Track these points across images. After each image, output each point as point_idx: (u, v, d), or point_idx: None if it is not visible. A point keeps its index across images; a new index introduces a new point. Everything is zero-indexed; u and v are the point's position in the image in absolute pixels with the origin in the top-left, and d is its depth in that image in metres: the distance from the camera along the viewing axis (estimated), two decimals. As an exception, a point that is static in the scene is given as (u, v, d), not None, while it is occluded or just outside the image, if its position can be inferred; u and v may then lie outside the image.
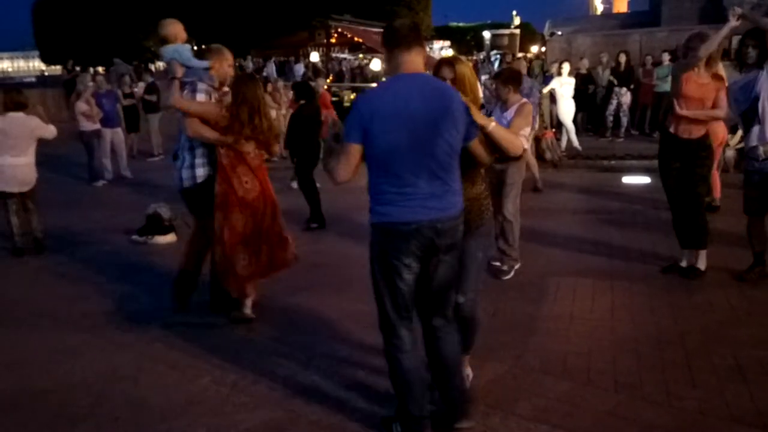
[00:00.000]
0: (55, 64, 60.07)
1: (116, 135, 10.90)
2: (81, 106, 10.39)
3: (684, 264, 5.27)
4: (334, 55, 21.55)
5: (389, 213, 2.78)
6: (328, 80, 17.13)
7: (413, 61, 2.81)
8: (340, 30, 18.61)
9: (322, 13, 27.27)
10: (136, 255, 6.56)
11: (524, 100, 5.29)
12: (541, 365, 3.82)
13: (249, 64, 23.74)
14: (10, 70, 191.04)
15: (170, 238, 6.90)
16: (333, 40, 19.31)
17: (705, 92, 4.95)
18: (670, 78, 12.03)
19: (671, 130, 5.10)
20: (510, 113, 5.09)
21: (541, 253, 6.06)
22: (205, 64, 4.59)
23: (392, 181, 2.76)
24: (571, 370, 3.75)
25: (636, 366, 3.77)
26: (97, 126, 10.51)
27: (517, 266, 5.53)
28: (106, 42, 52.86)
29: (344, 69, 20.35)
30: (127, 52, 53.45)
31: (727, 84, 5.14)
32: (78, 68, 21.28)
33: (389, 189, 2.77)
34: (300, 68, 20.46)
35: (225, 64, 4.70)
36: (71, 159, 12.11)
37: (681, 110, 4.97)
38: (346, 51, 21.71)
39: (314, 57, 20.60)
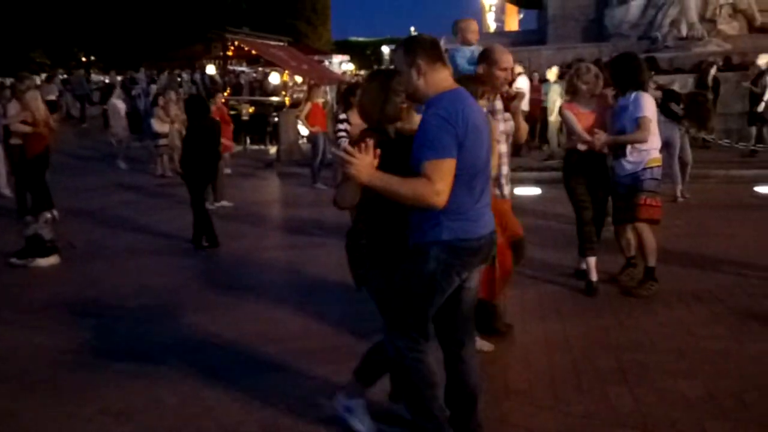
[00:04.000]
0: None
1: (-7, 152, 10.18)
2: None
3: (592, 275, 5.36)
4: (231, 67, 21.17)
5: (466, 228, 2.74)
6: (225, 93, 16.78)
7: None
8: (237, 43, 18.27)
9: (218, 26, 26.78)
10: (13, 279, 6.14)
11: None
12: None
13: (141, 77, 22.93)
14: None
15: (53, 260, 6.49)
16: (230, 53, 18.95)
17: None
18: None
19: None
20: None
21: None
22: None
23: (473, 195, 2.75)
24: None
25: (526, 372, 3.88)
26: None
27: None
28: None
29: (242, 82, 20.03)
30: (12, 64, 50.47)
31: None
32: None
33: (471, 204, 2.75)
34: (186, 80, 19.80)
35: None
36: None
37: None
38: (244, 64, 21.38)
39: (210, 69, 20.16)
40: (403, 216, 2.82)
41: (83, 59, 50.61)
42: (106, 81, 25.86)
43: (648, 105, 5.02)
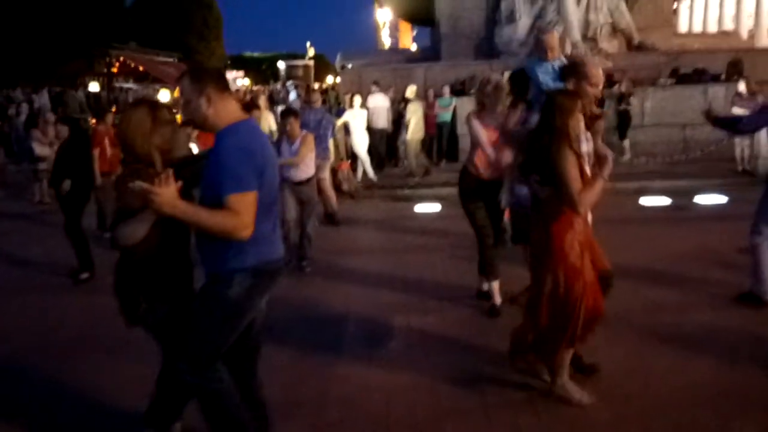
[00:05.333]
0: None
1: None
2: None
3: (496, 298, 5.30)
4: (117, 84, 20.18)
5: (268, 252, 2.84)
6: (111, 111, 15.87)
7: None
8: (122, 59, 17.43)
9: (102, 41, 25.51)
10: None
11: (305, 132, 6.67)
12: (342, 417, 3.64)
13: (18, 96, 21.41)
14: None
15: None
16: (115, 70, 18.05)
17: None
18: (451, 109, 13.07)
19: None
20: (296, 145, 6.49)
21: (338, 291, 5.95)
22: None
23: (271, 221, 2.87)
24: (373, 417, 3.61)
25: (432, 405, 3.73)
26: None
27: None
28: None
29: (126, 100, 19.08)
30: None
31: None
32: None
33: (270, 230, 2.86)
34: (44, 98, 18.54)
35: None
36: None
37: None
38: (131, 80, 20.44)
39: (93, 87, 19.09)
40: (182, 247, 2.93)
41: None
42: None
43: None
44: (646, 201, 9.51)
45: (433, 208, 9.71)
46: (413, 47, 41.55)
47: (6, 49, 42.84)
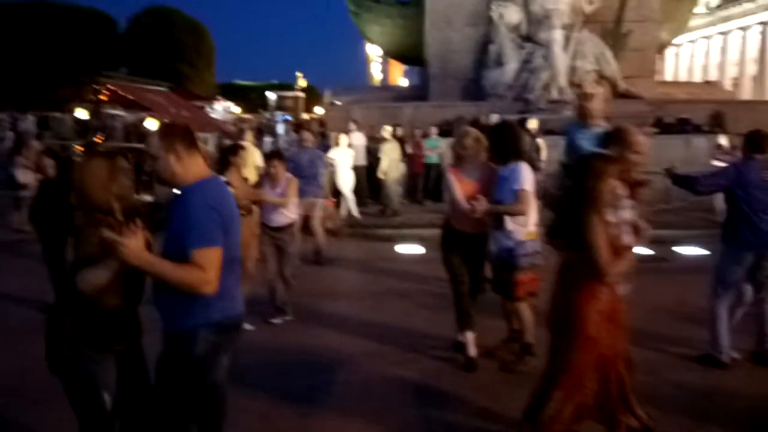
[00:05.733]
0: None
1: None
2: None
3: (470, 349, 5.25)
4: (106, 111, 20.16)
5: (231, 307, 2.87)
6: (97, 138, 15.88)
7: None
8: (111, 87, 17.46)
9: (93, 68, 25.59)
10: None
11: (289, 175, 6.55)
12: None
13: (5, 120, 21.35)
14: None
15: None
16: (104, 97, 18.05)
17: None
18: (438, 150, 13.18)
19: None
20: (281, 187, 6.39)
21: (315, 337, 5.91)
22: None
23: (234, 275, 2.88)
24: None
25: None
26: None
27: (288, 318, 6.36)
28: None
29: (115, 127, 19.09)
30: None
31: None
32: None
33: (233, 284, 2.89)
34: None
35: None
36: None
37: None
38: (119, 108, 20.45)
39: (81, 113, 19.09)
40: (135, 299, 2.89)
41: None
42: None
43: (528, 177, 4.95)
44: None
45: (415, 249, 9.72)
46: (404, 82, 42.00)
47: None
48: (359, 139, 13.11)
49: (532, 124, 12.73)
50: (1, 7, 46.60)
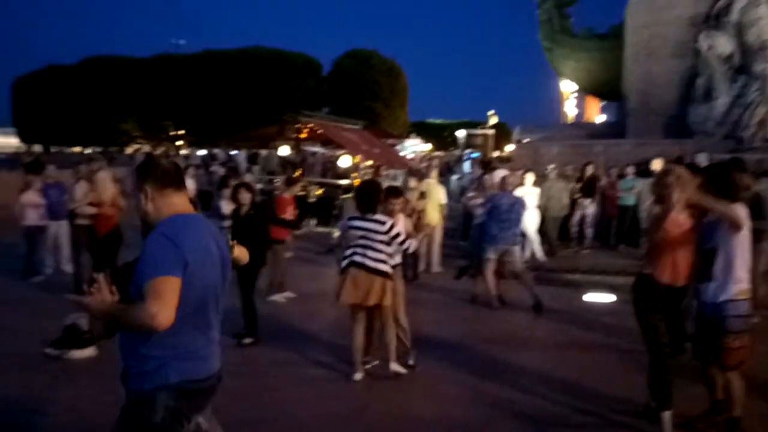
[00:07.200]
0: (32, 142, 60.13)
1: (61, 227, 10.35)
2: (30, 197, 9.98)
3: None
4: (305, 148, 21.53)
5: (195, 368, 2.56)
6: (297, 173, 16.88)
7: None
8: (310, 125, 18.60)
9: (301, 105, 27.66)
10: (46, 371, 5.92)
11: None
12: None
13: (221, 154, 23.66)
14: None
15: (89, 352, 6.27)
16: (303, 135, 19.29)
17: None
18: (634, 192, 12.23)
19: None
20: (389, 225, 5.65)
21: (488, 389, 5.56)
22: None
23: (202, 330, 2.60)
24: None
25: None
26: (43, 221, 10.07)
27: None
28: (82, 123, 53.13)
29: (314, 163, 20.34)
30: (103, 134, 53.84)
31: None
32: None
33: (201, 340, 2.60)
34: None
35: None
36: (12, 250, 11.45)
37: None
38: (318, 145, 21.73)
39: (284, 150, 20.57)
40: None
41: (171, 133, 53.42)
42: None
43: (744, 217, 4.34)
44: None
45: (605, 298, 8.99)
46: (600, 119, 40.24)
47: (216, 112, 48.10)
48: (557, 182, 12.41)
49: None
50: (218, 55, 52.47)
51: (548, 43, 19.20)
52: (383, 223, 5.63)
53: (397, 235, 5.65)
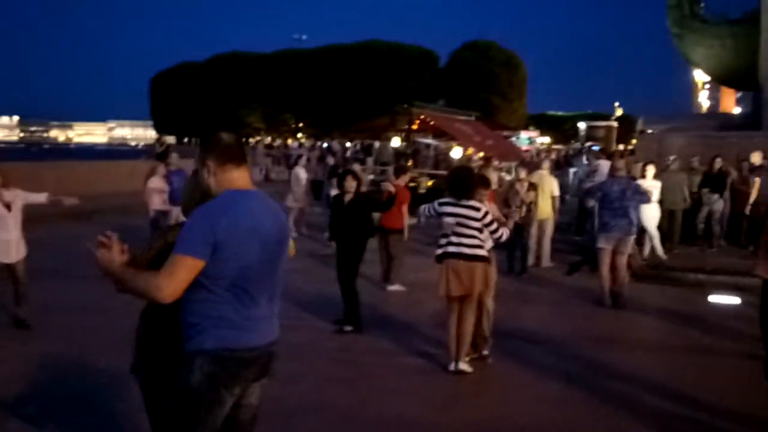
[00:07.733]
0: (167, 133, 64.39)
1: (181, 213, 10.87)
2: (155, 183, 10.52)
3: None
4: (417, 140, 21.47)
5: (234, 337, 2.56)
6: (409, 164, 16.83)
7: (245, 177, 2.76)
8: (422, 117, 18.53)
9: (417, 97, 27.67)
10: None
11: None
12: None
13: (335, 146, 24.14)
14: (129, 137, 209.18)
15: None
16: (415, 127, 19.25)
17: None
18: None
19: None
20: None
21: (597, 391, 5.24)
22: None
23: (244, 302, 2.58)
24: None
25: None
26: (167, 206, 10.58)
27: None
28: (210, 116, 56.23)
29: (426, 154, 20.23)
30: (229, 126, 56.71)
31: None
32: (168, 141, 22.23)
33: (242, 312, 2.58)
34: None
35: None
36: (137, 233, 12.14)
37: None
38: (430, 137, 21.60)
39: (395, 142, 20.61)
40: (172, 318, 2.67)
41: (292, 125, 55.37)
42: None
43: None
44: None
45: (730, 300, 8.30)
46: (736, 110, 37.45)
47: (326, 104, 49.29)
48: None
49: None
50: (338, 49, 53.60)
51: (677, 30, 17.96)
52: (478, 209, 5.47)
53: (491, 222, 5.49)
